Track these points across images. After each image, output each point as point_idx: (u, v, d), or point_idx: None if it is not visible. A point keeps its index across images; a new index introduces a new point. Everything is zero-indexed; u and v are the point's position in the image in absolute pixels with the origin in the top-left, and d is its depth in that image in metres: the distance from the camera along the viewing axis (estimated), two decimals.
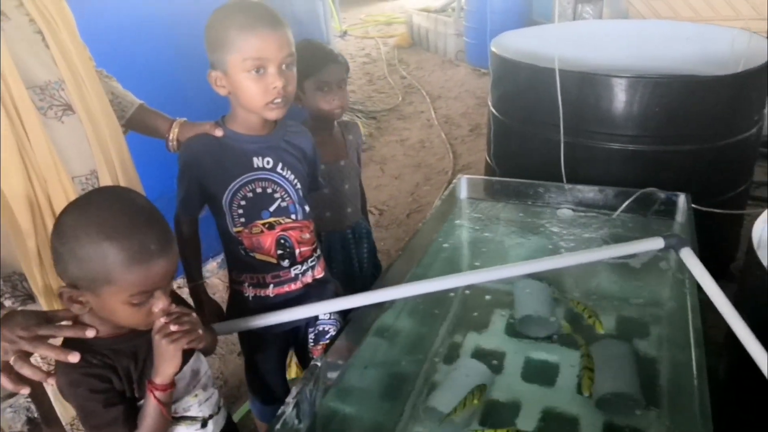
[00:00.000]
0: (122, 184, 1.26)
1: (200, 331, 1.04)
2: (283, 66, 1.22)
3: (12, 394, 1.28)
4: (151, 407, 1.00)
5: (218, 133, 1.33)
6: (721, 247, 2.33)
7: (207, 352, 1.19)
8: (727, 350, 1.49)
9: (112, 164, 1.25)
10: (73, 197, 1.14)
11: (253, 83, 1.22)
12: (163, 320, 0.98)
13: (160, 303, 0.96)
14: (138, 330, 1.01)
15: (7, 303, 1.18)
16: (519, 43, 2.73)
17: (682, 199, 1.75)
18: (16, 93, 1.06)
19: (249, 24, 1.19)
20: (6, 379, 0.96)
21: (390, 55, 6.83)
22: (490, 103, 2.66)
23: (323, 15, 3.66)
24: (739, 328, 1.19)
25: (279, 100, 1.24)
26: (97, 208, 0.93)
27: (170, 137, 1.41)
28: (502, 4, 5.55)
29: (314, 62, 1.57)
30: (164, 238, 0.94)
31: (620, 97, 2.11)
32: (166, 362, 1.00)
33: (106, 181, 1.23)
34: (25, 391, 0.97)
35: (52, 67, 1.15)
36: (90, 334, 0.98)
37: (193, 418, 1.09)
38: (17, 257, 1.12)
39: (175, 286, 1.60)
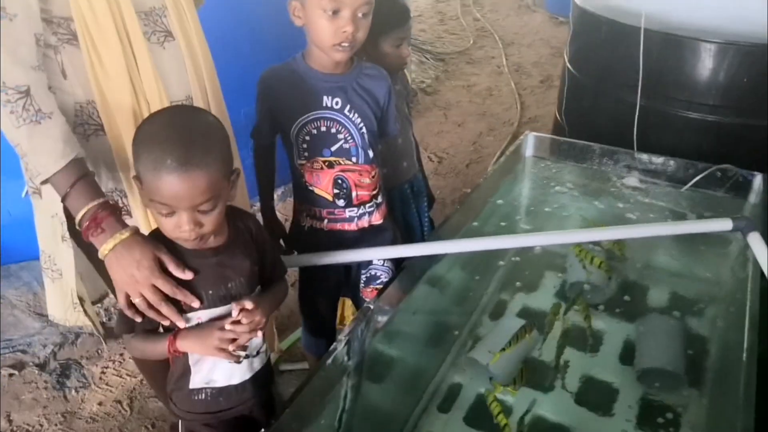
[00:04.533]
0: (212, 109, 1.31)
1: (259, 332, 1.09)
2: (359, 13, 1.23)
3: (101, 299, 1.39)
4: (160, 349, 1.08)
5: None
6: None
7: (280, 302, 1.25)
8: None
9: (205, 91, 1.30)
10: None
11: (326, 22, 1.23)
12: (228, 328, 1.05)
13: (182, 224, 0.99)
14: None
15: None
16: None
17: (758, 180, 1.68)
18: (128, 17, 1.11)
19: None
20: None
21: None
22: (566, 57, 2.56)
23: None
24: None
25: (346, 44, 1.25)
26: (160, 118, 1.01)
27: None
28: None
29: (393, 19, 1.54)
30: (186, 159, 0.93)
31: (706, 62, 1.99)
32: (201, 348, 1.07)
33: (199, 105, 1.28)
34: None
35: None
36: (195, 304, 1.06)
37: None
38: (120, 175, 1.20)
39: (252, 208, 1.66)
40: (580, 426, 1.41)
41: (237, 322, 1.06)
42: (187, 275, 1.04)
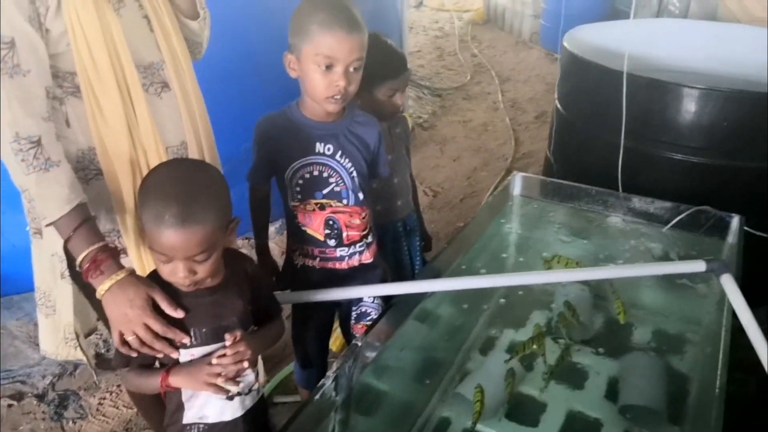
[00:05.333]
0: (205, 153, 1.40)
1: (246, 365, 1.14)
2: (351, 68, 1.30)
3: (91, 333, 1.45)
4: (153, 384, 1.13)
5: None
6: None
7: (275, 340, 1.30)
8: (759, 374, 1.50)
9: (199, 136, 1.39)
10: None
11: (319, 76, 1.31)
12: (215, 362, 1.10)
13: (177, 272, 1.06)
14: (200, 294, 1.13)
15: None
16: (593, 38, 2.69)
17: (735, 221, 1.74)
18: (128, 71, 1.20)
19: (329, 23, 1.27)
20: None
21: (463, 30, 6.76)
22: (556, 97, 2.65)
23: None
24: (766, 358, 1.21)
25: (338, 97, 1.33)
26: (164, 172, 1.09)
27: None
28: None
29: (390, 69, 1.62)
30: (185, 216, 1.01)
31: (688, 107, 2.08)
32: (192, 383, 1.12)
33: (193, 150, 1.37)
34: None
35: (155, 50, 1.28)
36: (186, 341, 1.12)
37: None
38: (119, 216, 1.27)
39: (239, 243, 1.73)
40: None
41: (223, 356, 1.11)
42: (179, 314, 1.10)
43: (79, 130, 1.20)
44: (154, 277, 1.14)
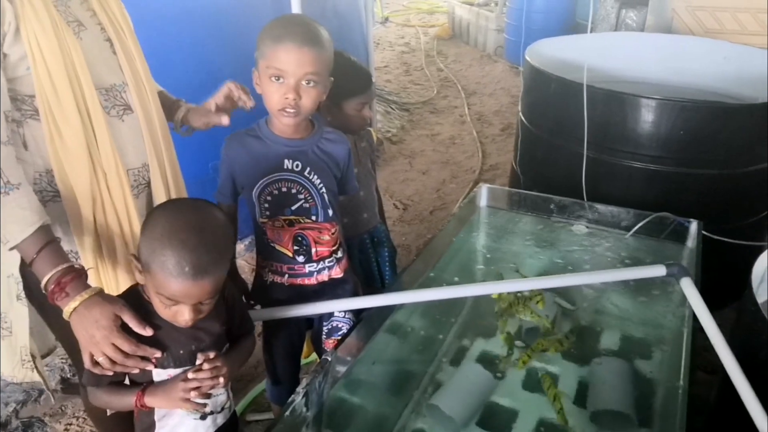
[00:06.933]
0: (169, 175, 1.40)
1: (221, 380, 1.14)
2: (303, 82, 1.32)
3: (49, 353, 1.43)
4: (126, 402, 1.13)
5: (224, 121, 1.47)
6: (736, 272, 2.35)
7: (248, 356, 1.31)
8: (721, 376, 1.54)
9: (162, 158, 1.38)
10: (127, 188, 1.28)
11: (272, 89, 1.34)
12: (191, 377, 1.10)
13: (183, 314, 1.07)
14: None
15: None
16: (554, 51, 2.76)
17: (693, 226, 1.80)
18: (88, 95, 1.19)
19: (280, 37, 1.29)
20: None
21: (429, 45, 6.85)
22: (520, 110, 2.70)
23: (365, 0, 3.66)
24: (726, 358, 1.25)
25: (291, 110, 1.34)
26: (175, 215, 1.06)
27: (176, 118, 1.51)
28: (544, 4, 5.53)
29: (356, 85, 1.66)
30: (204, 268, 1.01)
31: (646, 117, 2.14)
32: (167, 402, 1.12)
33: (155, 172, 1.36)
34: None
35: (117, 72, 1.28)
36: (157, 354, 1.11)
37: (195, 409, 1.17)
38: (76, 237, 1.25)
39: None
40: None
41: (199, 370, 1.11)
42: (148, 332, 1.09)
43: (36, 153, 1.19)
44: (130, 296, 1.14)
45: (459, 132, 4.54)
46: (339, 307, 1.53)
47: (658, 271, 1.49)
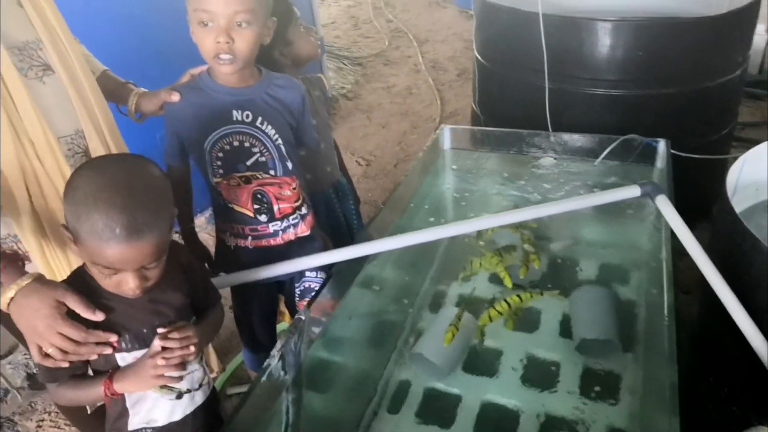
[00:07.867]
0: (109, 141, 1.27)
1: (192, 348, 1.03)
2: (235, 23, 1.20)
3: (11, 352, 1.32)
4: (94, 394, 1.02)
5: (174, 98, 1.32)
6: (706, 189, 2.35)
7: (218, 329, 1.21)
8: (700, 293, 1.53)
9: (98, 122, 1.25)
10: (61, 157, 1.15)
11: (202, 34, 1.22)
12: (158, 345, 0.99)
13: (127, 282, 0.95)
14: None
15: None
16: None
17: (662, 145, 1.76)
18: None
19: None
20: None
21: None
22: (474, 49, 2.62)
23: None
24: (709, 273, 1.23)
25: (226, 56, 1.23)
26: (99, 174, 0.92)
27: (129, 106, 1.40)
28: None
29: (288, 8, 1.54)
30: (137, 227, 0.89)
31: (603, 41, 2.08)
32: (139, 383, 1.01)
33: (93, 139, 1.23)
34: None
35: (28, 27, 1.13)
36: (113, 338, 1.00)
37: (170, 388, 1.07)
38: (12, 219, 1.13)
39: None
40: (528, 405, 1.44)
41: (165, 338, 1.00)
42: (98, 316, 0.98)
43: None
44: (76, 277, 1.02)
45: (415, 81, 4.44)
46: (308, 264, 1.44)
47: (633, 192, 1.46)
